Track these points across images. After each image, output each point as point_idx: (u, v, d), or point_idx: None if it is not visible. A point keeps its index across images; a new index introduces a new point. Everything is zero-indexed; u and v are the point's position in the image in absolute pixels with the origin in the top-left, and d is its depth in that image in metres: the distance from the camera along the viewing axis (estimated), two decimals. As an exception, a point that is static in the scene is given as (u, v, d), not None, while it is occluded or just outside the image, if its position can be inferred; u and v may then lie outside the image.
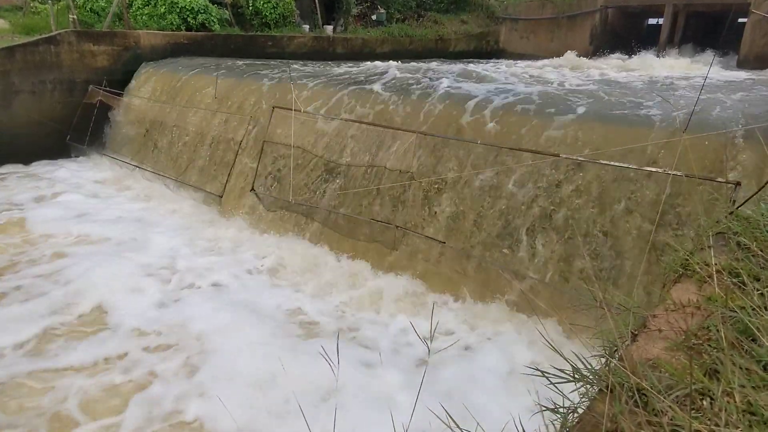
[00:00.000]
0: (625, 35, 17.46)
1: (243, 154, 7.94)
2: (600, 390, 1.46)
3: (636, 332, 1.83)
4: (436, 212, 5.70)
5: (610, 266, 4.49)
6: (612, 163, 4.62)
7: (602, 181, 4.73)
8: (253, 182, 7.45)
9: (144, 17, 12.56)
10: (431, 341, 1.42)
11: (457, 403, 3.65)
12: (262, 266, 6.29)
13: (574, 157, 4.83)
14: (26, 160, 10.41)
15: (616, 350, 1.69)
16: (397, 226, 5.91)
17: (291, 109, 7.12)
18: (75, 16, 10.98)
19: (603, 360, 1.63)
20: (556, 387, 1.52)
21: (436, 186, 5.72)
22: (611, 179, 4.68)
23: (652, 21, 19.50)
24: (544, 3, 17.98)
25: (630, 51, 15.75)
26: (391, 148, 6.28)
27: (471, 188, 5.51)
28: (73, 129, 10.70)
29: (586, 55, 16.03)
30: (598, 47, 16.85)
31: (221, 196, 7.92)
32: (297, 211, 6.98)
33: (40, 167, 10.26)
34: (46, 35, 10.36)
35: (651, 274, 4.11)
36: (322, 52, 14.77)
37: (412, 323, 4.00)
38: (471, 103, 6.09)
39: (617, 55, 15.82)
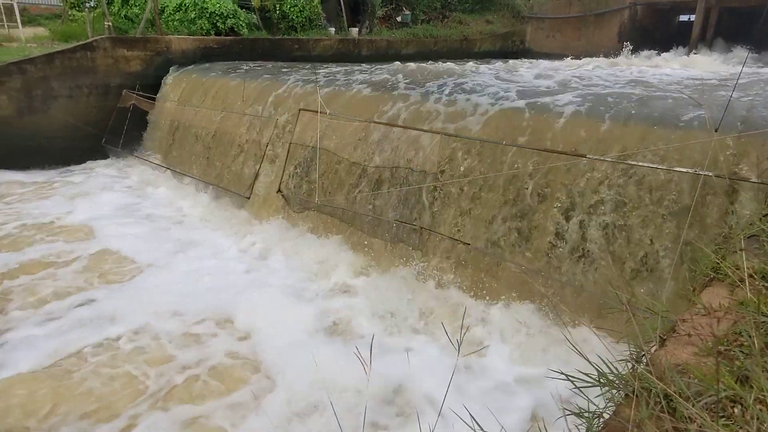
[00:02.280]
0: (655, 32, 17.04)
1: (270, 156, 8.07)
2: (626, 395, 1.45)
3: (664, 336, 1.80)
4: (461, 213, 5.69)
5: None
6: (641, 163, 4.53)
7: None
8: (280, 184, 7.57)
9: (175, 23, 12.90)
10: (460, 344, 1.44)
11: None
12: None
13: (602, 158, 4.76)
14: (65, 162, 10.79)
15: (643, 355, 1.67)
16: (422, 228, 5.92)
17: (317, 112, 7.21)
18: (110, 23, 11.34)
19: (629, 365, 1.61)
20: (581, 391, 1.51)
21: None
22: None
23: (683, 17, 19.00)
24: (571, 1, 17.71)
25: (660, 49, 15.36)
26: (416, 150, 6.30)
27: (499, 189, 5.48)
28: (108, 132, 11.06)
29: (614, 54, 15.70)
30: (627, 45, 16.48)
31: (248, 198, 8.07)
32: (323, 212, 7.06)
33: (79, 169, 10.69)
34: (83, 42, 10.73)
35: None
36: (347, 54, 14.87)
37: (443, 324, 4.02)
38: None
39: (646, 52, 15.44)
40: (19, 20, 13.05)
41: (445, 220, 5.81)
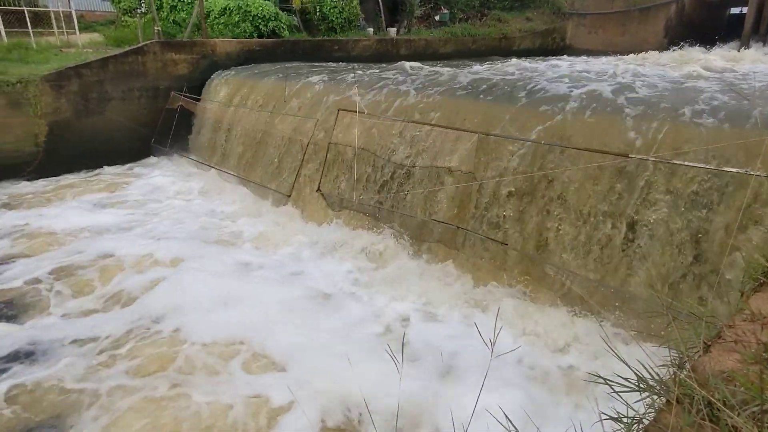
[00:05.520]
0: (704, 27, 16.33)
1: (310, 155, 8.24)
2: (667, 401, 1.43)
3: (709, 342, 1.77)
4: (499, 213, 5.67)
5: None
6: (687, 163, 4.39)
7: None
8: (319, 182, 7.72)
9: (220, 26, 13.32)
10: (494, 343, 1.46)
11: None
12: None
13: (646, 158, 4.64)
14: (120, 161, 11.32)
15: (685, 361, 1.65)
16: (458, 227, 5.93)
17: (355, 111, 7.31)
18: (159, 28, 11.82)
19: (671, 370, 1.59)
20: (619, 396, 1.51)
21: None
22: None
23: (734, 10, 18.13)
24: (615, -4, 17.22)
25: (709, 44, 14.72)
26: (453, 149, 6.30)
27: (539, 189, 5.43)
28: (157, 132, 11.55)
29: (659, 50, 15.14)
30: (674, 40, 15.87)
31: (290, 196, 8.27)
32: (361, 210, 7.16)
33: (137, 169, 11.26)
34: (134, 46, 11.24)
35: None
36: (386, 54, 14.96)
37: (476, 325, 4.02)
38: None
39: (695, 48, 14.80)
40: (76, 27, 13.77)
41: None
